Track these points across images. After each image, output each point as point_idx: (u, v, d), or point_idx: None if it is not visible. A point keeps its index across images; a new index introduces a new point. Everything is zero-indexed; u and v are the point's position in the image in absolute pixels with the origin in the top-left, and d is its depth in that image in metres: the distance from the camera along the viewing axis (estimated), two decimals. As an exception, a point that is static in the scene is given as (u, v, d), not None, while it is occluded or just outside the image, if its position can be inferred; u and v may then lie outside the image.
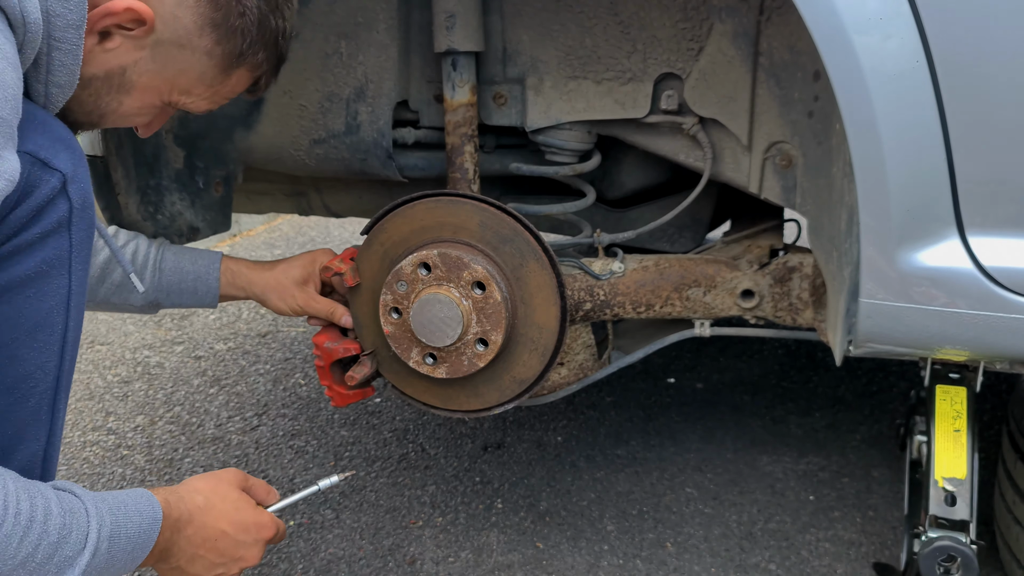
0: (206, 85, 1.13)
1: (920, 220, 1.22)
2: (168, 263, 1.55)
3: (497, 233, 1.57)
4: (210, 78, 1.12)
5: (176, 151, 1.69)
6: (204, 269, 1.57)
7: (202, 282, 1.57)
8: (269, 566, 1.90)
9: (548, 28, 1.62)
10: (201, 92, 1.13)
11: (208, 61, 1.10)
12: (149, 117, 1.16)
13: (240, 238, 4.77)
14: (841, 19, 1.14)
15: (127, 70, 1.05)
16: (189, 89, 1.12)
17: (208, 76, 1.11)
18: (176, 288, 1.55)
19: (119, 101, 1.08)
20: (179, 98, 1.12)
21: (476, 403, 1.69)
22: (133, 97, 1.08)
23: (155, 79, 1.08)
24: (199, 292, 1.57)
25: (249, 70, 1.16)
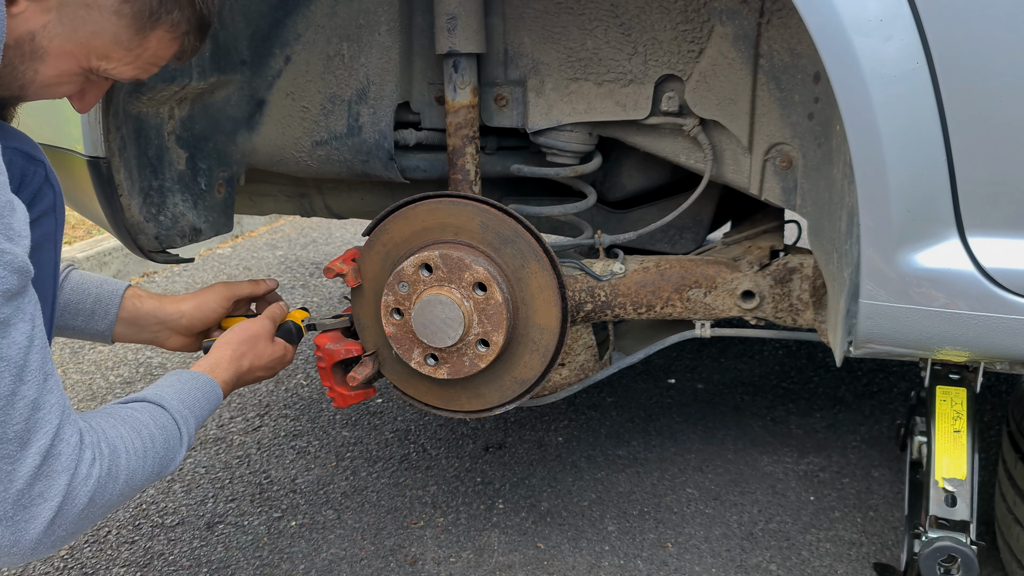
0: (124, 48, 1.10)
1: (920, 221, 1.22)
2: (71, 283, 1.47)
3: (498, 234, 1.57)
4: (126, 40, 1.09)
5: (179, 152, 1.70)
6: (107, 293, 1.49)
7: (101, 305, 1.48)
8: (271, 566, 1.91)
9: (549, 30, 1.62)
10: (121, 56, 1.10)
11: (119, 21, 1.07)
12: (74, 87, 1.13)
13: (242, 239, 4.78)
14: (841, 21, 1.14)
15: (36, 35, 1.03)
16: (107, 53, 1.09)
17: (123, 38, 1.08)
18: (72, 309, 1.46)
19: (35, 70, 1.05)
20: (99, 63, 1.10)
21: (477, 404, 1.69)
22: (48, 64, 1.06)
23: (67, 43, 1.05)
24: (96, 315, 1.48)
25: (168, 31, 1.12)
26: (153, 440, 1.13)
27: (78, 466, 0.98)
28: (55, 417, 0.96)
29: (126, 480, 1.06)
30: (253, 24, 1.71)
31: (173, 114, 1.67)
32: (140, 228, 1.68)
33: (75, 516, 0.98)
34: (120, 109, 1.55)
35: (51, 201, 1.11)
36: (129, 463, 1.07)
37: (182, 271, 4.10)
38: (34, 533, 0.94)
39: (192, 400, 1.27)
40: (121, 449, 1.06)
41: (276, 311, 1.59)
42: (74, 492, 0.97)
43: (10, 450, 0.91)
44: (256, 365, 1.47)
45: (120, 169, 1.59)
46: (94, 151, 1.56)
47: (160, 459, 1.14)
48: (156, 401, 1.21)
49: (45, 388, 0.95)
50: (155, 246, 1.72)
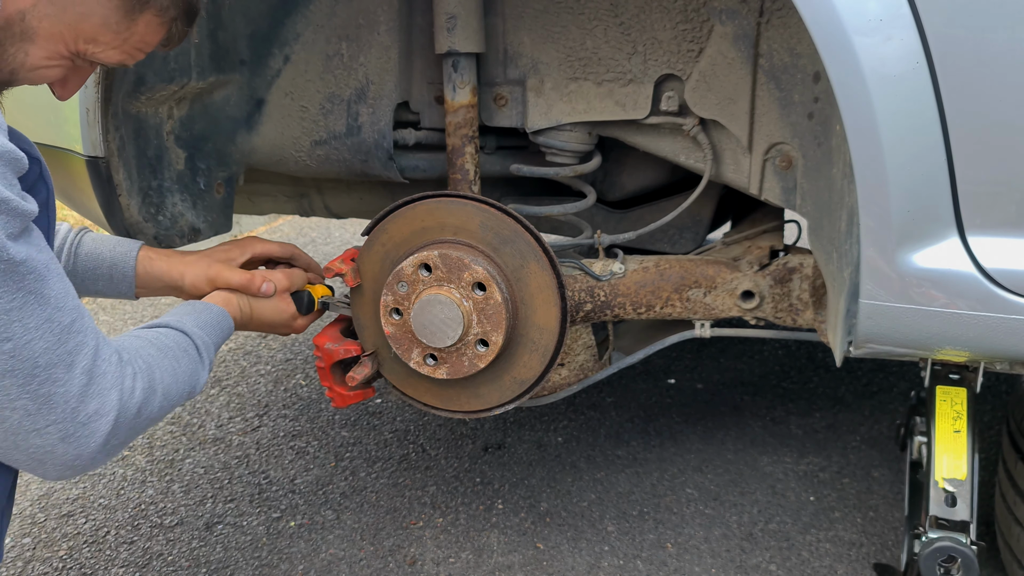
0: (112, 32, 1.11)
1: (920, 221, 1.22)
2: (85, 248, 1.50)
3: (498, 234, 1.57)
4: (114, 23, 1.10)
5: (178, 152, 1.70)
6: (121, 256, 1.52)
7: (117, 269, 1.51)
8: (270, 567, 1.91)
9: (549, 30, 1.62)
10: (109, 40, 1.12)
11: (108, 3, 1.08)
12: (61, 71, 1.14)
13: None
14: (841, 21, 1.14)
15: (26, 15, 1.04)
16: (95, 36, 1.10)
17: (112, 21, 1.10)
18: (91, 275, 1.50)
19: (25, 51, 1.07)
20: (86, 47, 1.11)
21: (477, 404, 1.69)
22: (38, 46, 1.07)
23: (57, 24, 1.07)
24: (115, 279, 1.51)
25: (156, 15, 1.13)
26: (179, 361, 1.20)
27: (123, 381, 1.05)
28: (91, 338, 1.02)
29: (163, 394, 1.13)
30: (252, 24, 1.71)
31: (172, 114, 1.66)
32: (139, 228, 1.68)
33: (127, 427, 1.06)
34: (119, 109, 1.55)
35: (44, 197, 1.13)
36: (163, 379, 1.14)
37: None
38: (94, 446, 1.02)
39: (209, 327, 1.34)
40: (155, 367, 1.13)
41: (295, 275, 1.61)
42: (125, 405, 1.05)
43: (59, 373, 0.98)
44: (259, 315, 1.52)
45: (119, 169, 1.59)
46: (93, 151, 1.56)
47: (188, 378, 1.21)
48: (177, 327, 1.27)
49: (78, 313, 1.01)
50: (154, 246, 1.72)
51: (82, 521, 2.10)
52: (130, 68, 1.50)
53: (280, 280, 1.56)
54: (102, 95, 1.50)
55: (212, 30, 1.64)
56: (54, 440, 0.98)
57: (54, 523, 2.10)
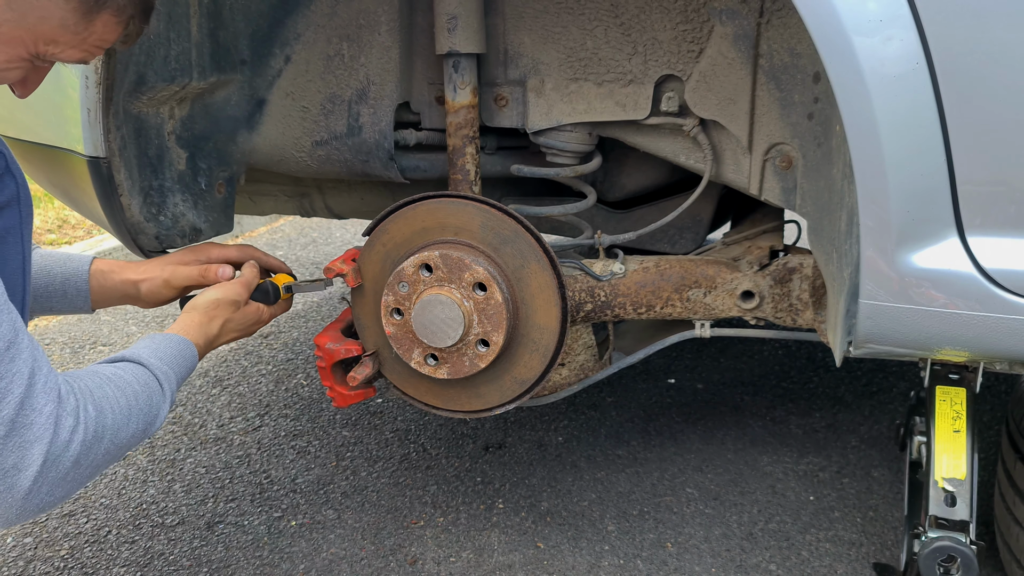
0: (71, 32, 1.11)
1: (920, 221, 1.22)
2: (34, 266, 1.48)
3: (498, 234, 1.57)
4: (73, 24, 1.10)
5: (179, 152, 1.70)
6: (73, 272, 1.51)
7: (70, 284, 1.51)
8: (271, 566, 1.91)
9: (549, 30, 1.62)
10: (68, 40, 1.11)
11: (66, 6, 1.08)
12: (21, 72, 1.13)
13: (242, 239, 4.78)
14: (841, 21, 1.14)
15: None
16: (54, 38, 1.10)
17: (70, 22, 1.10)
18: (44, 292, 1.49)
19: None
20: (46, 48, 1.11)
21: (477, 403, 1.69)
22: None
23: (16, 29, 1.07)
24: (68, 295, 1.51)
25: (113, 15, 1.13)
26: (137, 397, 1.16)
27: (57, 432, 0.99)
28: (18, 387, 0.96)
29: (111, 439, 1.09)
30: (253, 24, 1.71)
31: (173, 114, 1.67)
32: (140, 228, 1.68)
33: (59, 479, 1.00)
34: (120, 109, 1.55)
35: (13, 192, 1.11)
36: (115, 422, 1.10)
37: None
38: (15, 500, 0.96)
39: (171, 358, 1.30)
40: (107, 409, 1.09)
41: (248, 273, 1.59)
42: (56, 458, 0.99)
43: None
44: (227, 328, 1.50)
45: (120, 169, 1.59)
46: (94, 151, 1.56)
47: (144, 416, 1.17)
48: (137, 360, 1.24)
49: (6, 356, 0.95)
50: (155, 246, 1.72)
51: (84, 520, 2.10)
52: (131, 68, 1.51)
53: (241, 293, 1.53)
54: (103, 95, 1.50)
55: (213, 30, 1.64)
56: None
57: (55, 522, 2.10)
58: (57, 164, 1.72)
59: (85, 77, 1.48)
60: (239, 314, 1.52)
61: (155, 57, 1.53)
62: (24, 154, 1.88)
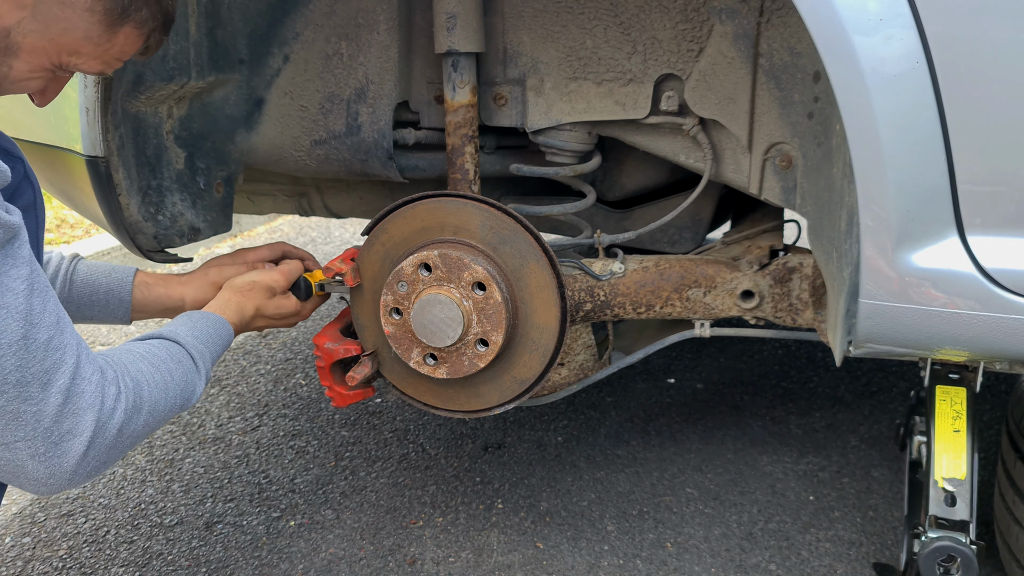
0: (93, 44, 1.13)
1: (920, 221, 1.22)
2: (80, 276, 1.52)
3: (498, 234, 1.57)
4: (96, 36, 1.12)
5: (177, 152, 1.69)
6: (117, 283, 1.55)
7: (113, 295, 1.54)
8: (270, 566, 1.91)
9: (549, 29, 1.62)
10: (90, 52, 1.13)
11: (91, 18, 1.10)
12: (42, 82, 1.15)
13: (241, 238, 4.78)
14: (841, 20, 1.14)
15: (11, 32, 1.05)
16: (77, 49, 1.12)
17: (94, 34, 1.12)
18: (87, 301, 1.52)
19: (8, 65, 1.08)
20: (68, 59, 1.13)
21: (477, 403, 1.69)
22: (21, 60, 1.09)
23: (40, 40, 1.08)
24: (111, 305, 1.54)
25: (135, 27, 1.15)
26: (172, 373, 1.19)
27: (103, 401, 1.03)
28: (71, 357, 1.00)
29: (149, 411, 1.12)
30: (251, 23, 1.71)
31: (171, 113, 1.66)
32: (139, 227, 1.68)
33: (106, 447, 1.04)
34: (118, 108, 1.54)
35: (31, 198, 1.13)
36: (152, 395, 1.13)
37: (181, 270, 4.09)
38: (68, 465, 1.00)
39: (206, 336, 1.33)
40: (143, 382, 1.12)
41: (291, 271, 1.62)
42: (103, 426, 1.03)
43: (33, 391, 0.96)
44: (261, 313, 1.53)
45: (119, 168, 1.59)
46: (92, 150, 1.55)
47: (180, 391, 1.20)
48: (171, 337, 1.27)
49: (57, 330, 0.99)
50: (154, 245, 1.72)
51: (82, 520, 2.10)
52: (129, 68, 1.51)
53: (279, 280, 1.57)
54: (101, 95, 1.50)
55: (211, 29, 1.64)
56: (23, 456, 0.97)
57: (54, 522, 2.10)
58: (56, 163, 1.72)
59: (84, 77, 1.48)
60: (273, 302, 1.55)
61: (153, 56, 1.53)
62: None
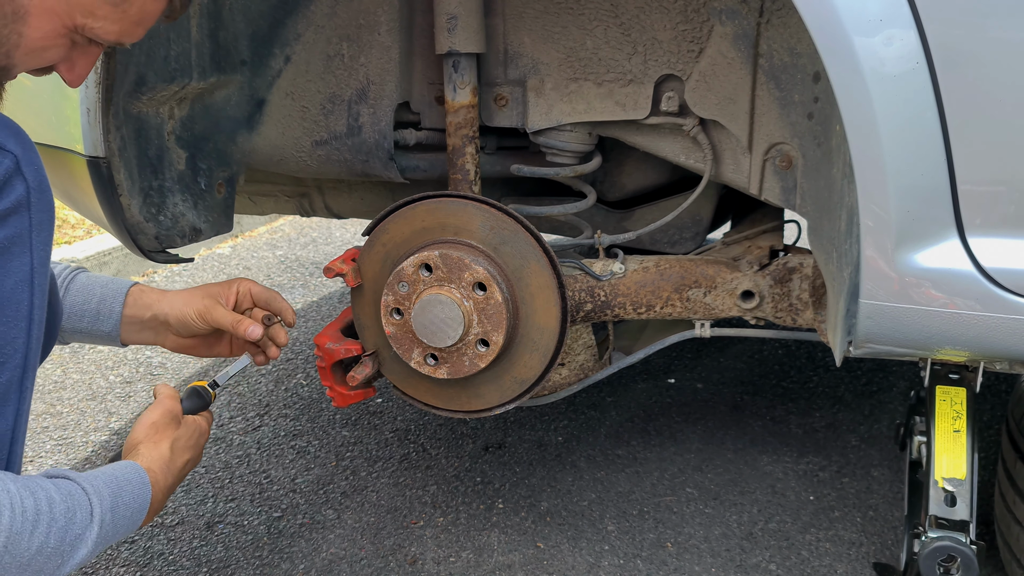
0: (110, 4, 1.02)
1: (920, 221, 1.22)
2: (77, 284, 1.43)
3: (498, 234, 1.57)
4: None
5: (179, 152, 1.70)
6: (112, 292, 1.45)
7: (105, 304, 1.43)
8: (271, 566, 1.91)
9: (549, 30, 1.63)
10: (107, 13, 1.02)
11: None
12: (61, 51, 1.05)
13: (242, 239, 4.78)
14: (841, 21, 1.14)
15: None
16: (92, 10, 1.01)
17: None
18: (78, 310, 1.41)
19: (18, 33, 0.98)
20: (83, 20, 1.02)
21: (477, 403, 1.69)
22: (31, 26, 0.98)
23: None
24: (101, 314, 1.43)
25: None
26: (51, 504, 0.98)
27: None
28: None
29: (5, 542, 0.91)
30: (253, 24, 1.71)
31: (173, 114, 1.67)
32: (140, 228, 1.68)
33: None
34: (120, 109, 1.55)
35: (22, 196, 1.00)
36: (12, 522, 0.91)
37: (182, 271, 4.10)
38: None
39: (107, 478, 1.12)
40: (4, 504, 0.92)
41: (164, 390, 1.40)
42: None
43: None
44: (178, 446, 1.33)
45: (120, 169, 1.59)
46: (94, 151, 1.56)
47: (61, 529, 0.98)
48: (64, 475, 1.07)
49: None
50: (155, 246, 1.72)
51: (83, 520, 2.10)
52: (131, 68, 1.51)
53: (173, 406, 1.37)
54: (103, 95, 1.50)
55: (213, 30, 1.64)
56: None
57: (55, 522, 2.10)
58: (57, 164, 1.72)
59: (85, 77, 1.48)
60: (183, 429, 1.36)
61: (155, 57, 1.54)
62: (24, 154, 1.88)
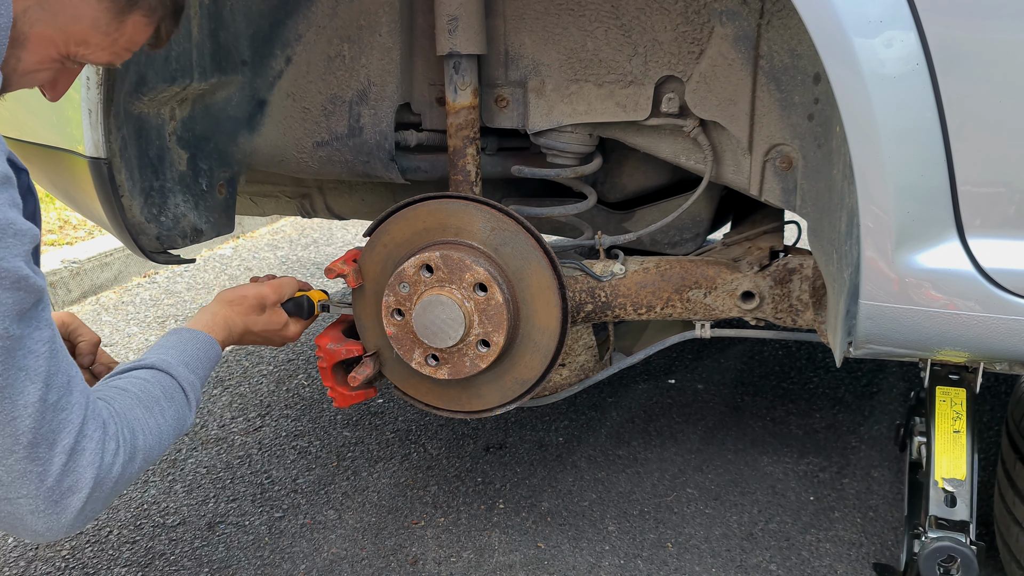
0: (102, 33, 1.11)
1: (920, 222, 1.23)
2: None
3: (499, 235, 1.58)
4: (104, 24, 1.10)
5: (180, 153, 1.70)
6: None
7: None
8: (272, 566, 1.91)
9: (550, 31, 1.63)
10: (99, 41, 1.11)
11: (98, 6, 1.08)
12: (50, 74, 1.14)
13: (243, 239, 4.78)
14: (841, 22, 1.14)
15: (18, 21, 1.03)
16: (85, 39, 1.10)
17: (102, 23, 1.10)
18: None
19: (17, 57, 1.06)
20: (76, 49, 1.11)
21: (478, 404, 1.70)
22: (29, 51, 1.07)
23: (47, 28, 1.07)
24: None
25: (144, 15, 1.13)
26: (164, 415, 1.20)
27: (103, 457, 1.04)
28: (77, 416, 1.01)
29: (144, 458, 1.14)
30: (254, 24, 1.72)
31: (174, 114, 1.67)
32: (141, 229, 1.68)
33: (103, 499, 1.06)
34: (121, 110, 1.55)
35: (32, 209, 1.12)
36: (147, 442, 1.14)
37: (183, 272, 4.10)
38: (66, 520, 1.02)
39: (195, 362, 1.33)
40: (139, 431, 1.14)
41: (284, 282, 1.61)
42: (101, 480, 1.04)
43: (40, 452, 0.97)
44: (249, 329, 1.52)
45: (121, 169, 1.59)
46: (95, 152, 1.56)
47: (173, 429, 1.22)
48: (163, 368, 1.27)
49: (67, 389, 1.00)
50: (156, 247, 1.73)
51: (84, 521, 2.10)
52: (132, 69, 1.51)
53: (269, 295, 1.56)
54: (104, 96, 1.50)
55: (213, 30, 1.64)
56: (24, 511, 0.98)
57: (56, 523, 2.10)
58: (58, 165, 1.72)
59: (86, 78, 1.49)
60: (263, 318, 1.54)
61: (156, 58, 1.54)
62: (25, 155, 1.88)
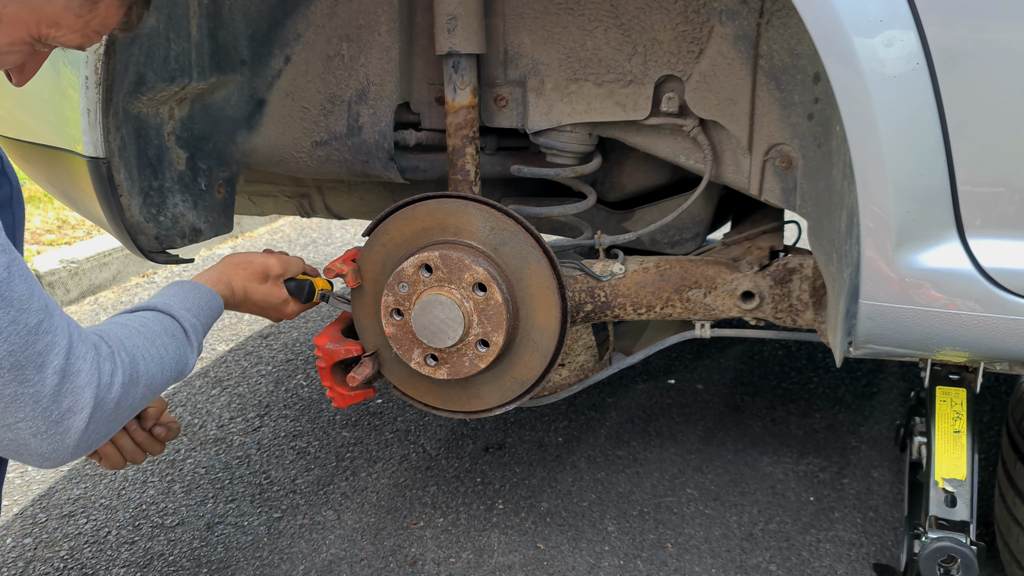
0: (74, 15, 1.11)
1: (920, 222, 1.22)
2: None
3: (498, 235, 1.57)
4: (77, 6, 1.10)
5: (179, 153, 1.70)
6: None
7: None
8: (271, 567, 1.91)
9: (549, 31, 1.63)
10: (71, 23, 1.11)
11: None
12: (20, 57, 1.13)
13: (242, 239, 4.78)
14: (841, 21, 1.14)
15: None
16: (58, 20, 1.10)
17: (75, 4, 1.10)
18: None
19: None
20: (48, 31, 1.11)
21: (477, 404, 1.69)
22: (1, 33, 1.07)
23: (20, 10, 1.07)
24: None
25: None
26: (166, 348, 1.21)
27: (100, 377, 1.05)
28: (63, 338, 1.01)
29: (146, 384, 1.14)
30: (253, 24, 1.71)
31: (173, 114, 1.67)
32: (140, 228, 1.68)
33: (106, 420, 1.07)
34: (120, 109, 1.55)
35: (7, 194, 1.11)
36: (148, 369, 1.14)
37: (182, 272, 4.09)
38: (71, 441, 1.03)
39: (198, 308, 1.34)
40: (139, 357, 1.14)
41: (292, 260, 1.61)
42: (101, 401, 1.05)
43: (28, 374, 0.97)
44: (249, 296, 1.52)
45: (120, 169, 1.59)
46: (94, 151, 1.56)
47: (175, 364, 1.22)
48: (165, 310, 1.27)
49: (46, 313, 1.00)
50: (155, 246, 1.72)
51: (83, 521, 2.10)
52: (131, 68, 1.51)
53: (274, 266, 1.57)
54: (103, 96, 1.50)
55: (212, 30, 1.64)
56: (26, 435, 0.99)
57: (55, 523, 2.10)
58: (57, 164, 1.72)
59: (85, 78, 1.48)
60: (265, 288, 1.54)
61: (155, 57, 1.53)
62: (23, 155, 1.88)
